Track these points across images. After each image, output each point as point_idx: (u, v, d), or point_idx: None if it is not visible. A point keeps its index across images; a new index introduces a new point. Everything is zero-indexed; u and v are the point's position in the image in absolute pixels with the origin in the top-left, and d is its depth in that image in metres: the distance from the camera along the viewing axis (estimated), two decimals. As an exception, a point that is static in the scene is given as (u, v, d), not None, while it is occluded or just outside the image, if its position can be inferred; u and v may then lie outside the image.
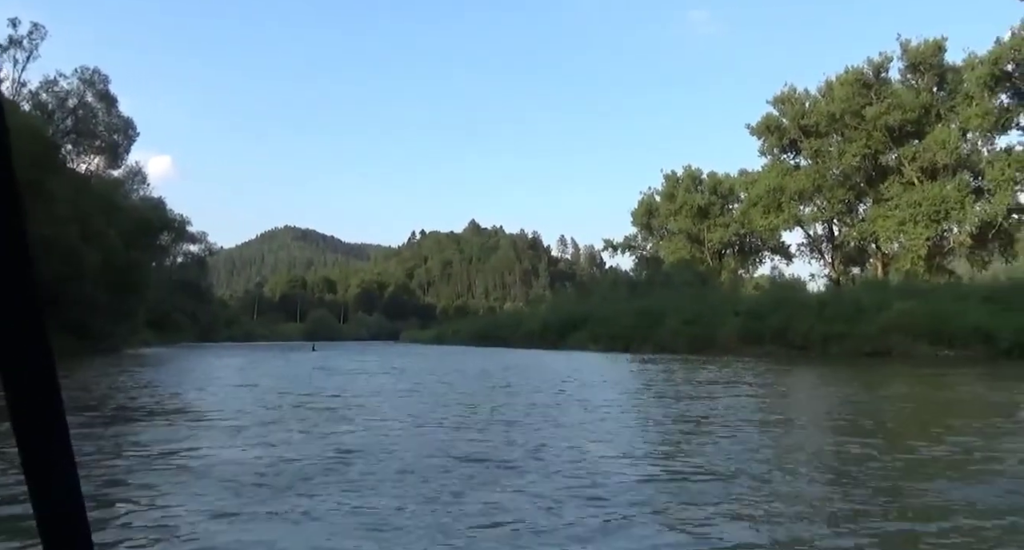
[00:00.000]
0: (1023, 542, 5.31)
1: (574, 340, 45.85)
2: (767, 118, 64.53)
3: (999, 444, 9.42)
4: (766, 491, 6.78)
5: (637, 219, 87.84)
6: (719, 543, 5.17)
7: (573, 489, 6.79)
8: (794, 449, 9.35)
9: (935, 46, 55.47)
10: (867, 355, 24.79)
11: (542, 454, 8.74)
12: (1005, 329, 22.85)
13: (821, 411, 14.48)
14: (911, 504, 6.30)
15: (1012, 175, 50.10)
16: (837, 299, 29.79)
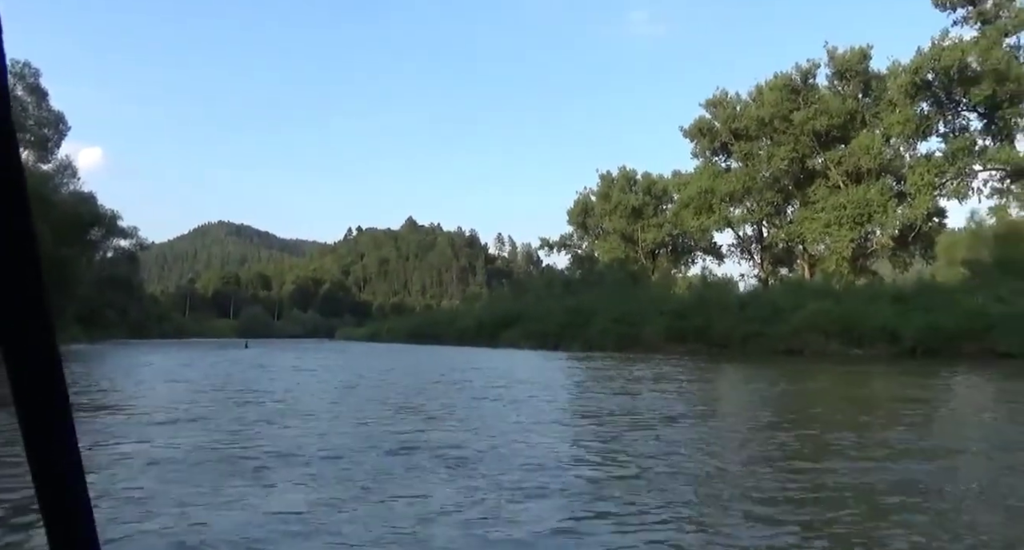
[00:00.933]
0: (912, 513, 5.91)
1: (507, 338, 46.32)
2: (700, 121, 65.77)
3: (896, 434, 10.10)
4: (696, 479, 7.27)
5: (573, 218, 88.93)
6: (655, 529, 5.58)
7: (508, 483, 7.09)
8: (718, 440, 9.90)
9: (860, 54, 57.18)
10: (782, 353, 25.81)
11: (468, 450, 9.05)
12: (909, 329, 24.02)
13: (743, 406, 15.18)
14: (828, 485, 6.86)
15: (931, 180, 51.98)
16: (756, 300, 30.83)
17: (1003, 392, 17.08)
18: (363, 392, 17.49)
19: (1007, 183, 51.54)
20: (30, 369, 0.67)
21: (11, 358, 0.67)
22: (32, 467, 0.69)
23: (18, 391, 0.67)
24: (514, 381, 20.51)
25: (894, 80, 52.37)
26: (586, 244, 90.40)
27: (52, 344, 0.68)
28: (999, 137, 51.66)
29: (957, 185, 52.90)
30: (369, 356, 39.73)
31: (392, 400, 15.40)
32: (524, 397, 15.58)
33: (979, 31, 51.06)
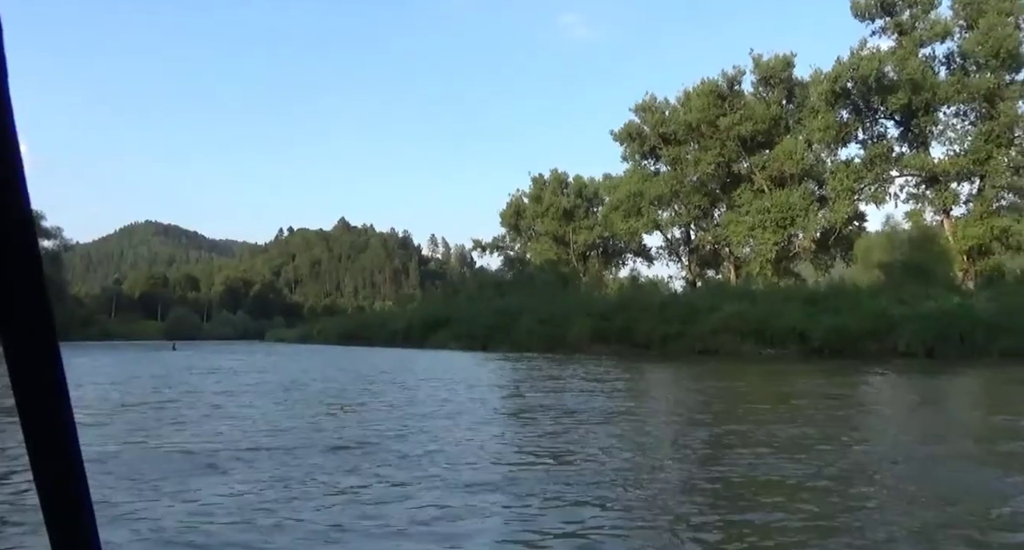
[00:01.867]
0: (815, 492, 6.46)
1: (437, 339, 46.50)
2: (629, 125, 66.68)
3: (801, 428, 10.63)
4: (623, 472, 7.62)
5: (505, 220, 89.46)
6: (583, 515, 5.92)
7: (438, 478, 7.37)
8: (639, 434, 10.33)
9: (784, 62, 58.68)
10: (699, 353, 26.60)
11: (399, 447, 9.32)
12: (817, 330, 24.99)
13: (662, 402, 15.75)
14: (744, 475, 7.28)
15: (850, 185, 53.58)
16: (675, 302, 31.63)
17: (903, 388, 17.92)
18: (294, 393, 17.54)
19: (922, 188, 53.36)
20: (31, 368, 0.67)
21: (12, 357, 0.66)
22: (33, 466, 0.69)
23: (19, 390, 0.67)
24: (440, 381, 20.76)
25: (815, 88, 53.89)
26: (519, 246, 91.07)
27: (53, 343, 0.68)
28: (915, 144, 53.47)
29: (875, 190, 54.61)
30: (298, 358, 39.57)
31: (324, 400, 15.53)
32: (451, 396, 15.85)
33: (896, 41, 52.83)
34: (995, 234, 49.58)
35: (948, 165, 51.13)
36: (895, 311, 24.98)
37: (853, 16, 53.78)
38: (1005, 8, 49.82)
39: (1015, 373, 19.83)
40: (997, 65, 49.79)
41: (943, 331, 23.10)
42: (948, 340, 22.87)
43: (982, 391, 17.95)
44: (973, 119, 52.20)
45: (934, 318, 23.68)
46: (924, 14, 52.59)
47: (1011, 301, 24.42)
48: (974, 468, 8.01)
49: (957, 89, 50.83)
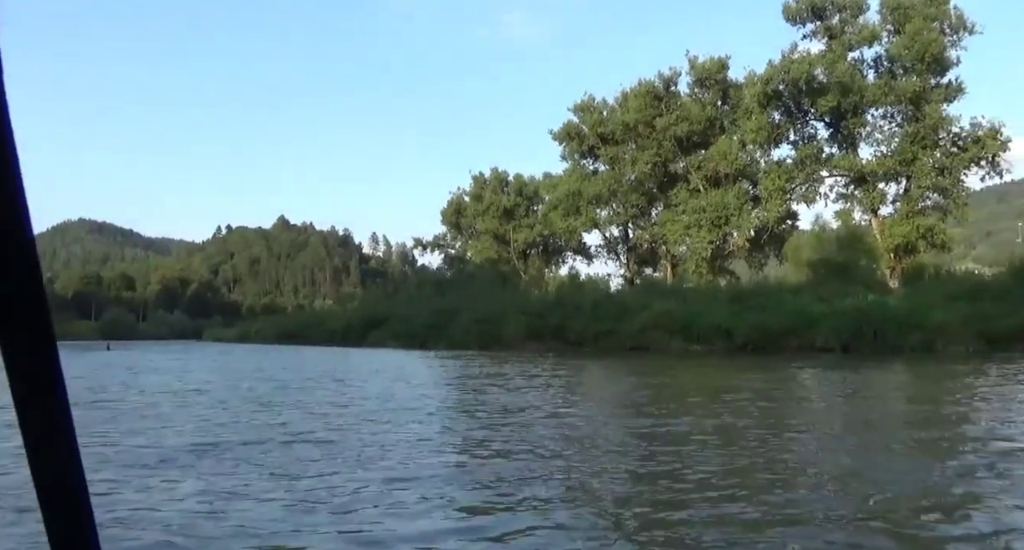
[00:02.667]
0: (753, 482, 6.85)
1: (375, 338, 46.51)
2: (568, 125, 67.31)
3: (731, 420, 11.08)
4: (557, 465, 7.92)
5: (446, 218, 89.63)
6: (522, 506, 6.16)
7: (379, 472, 7.55)
8: (575, 429, 10.66)
9: (719, 64, 59.76)
10: (630, 350, 27.18)
11: (337, 441, 9.48)
12: (741, 327, 25.73)
13: (596, 398, 16.20)
14: (677, 465, 7.61)
15: (782, 185, 54.76)
16: (608, 300, 32.16)
17: (821, 382, 18.58)
18: (228, 392, 17.49)
19: (851, 188, 54.77)
20: (29, 367, 0.68)
21: (10, 357, 0.67)
22: (31, 464, 0.70)
23: (17, 389, 0.67)
24: (377, 379, 20.92)
25: (749, 90, 54.96)
26: (459, 244, 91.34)
27: (51, 343, 0.68)
28: (844, 145, 54.85)
29: (806, 190, 55.97)
30: (234, 357, 39.25)
31: (259, 398, 15.57)
32: (387, 394, 16.01)
33: (826, 45, 54.14)
34: (920, 233, 51.13)
35: (876, 166, 52.59)
36: (814, 309, 25.82)
37: (785, 20, 55.02)
38: (930, 14, 51.38)
39: (924, 367, 20.65)
40: (923, 69, 51.36)
41: (858, 328, 23.98)
42: (863, 336, 23.75)
43: (895, 385, 18.69)
44: (900, 121, 53.75)
45: (850, 315, 24.55)
46: (853, 19, 54.02)
47: (923, 299, 25.39)
48: (899, 456, 8.55)
49: (884, 92, 52.32)
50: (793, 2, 54.28)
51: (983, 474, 7.24)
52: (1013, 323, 21.92)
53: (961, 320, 22.83)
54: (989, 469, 7.43)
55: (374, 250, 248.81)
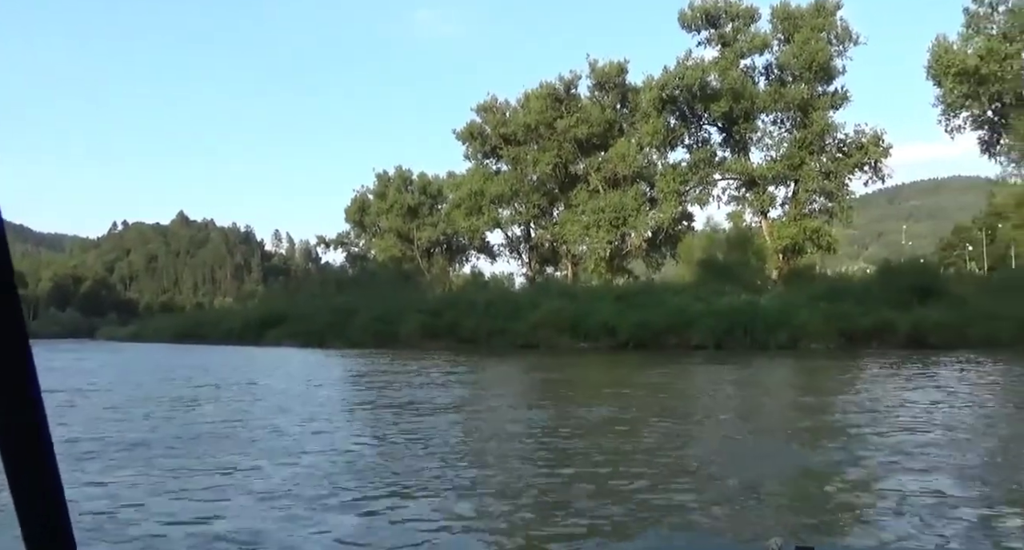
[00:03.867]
0: (645, 470, 7.43)
1: (273, 336, 46.14)
2: (471, 125, 67.82)
3: (619, 412, 11.72)
4: (461, 458, 8.38)
5: (350, 216, 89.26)
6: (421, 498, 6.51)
7: (278, 468, 7.81)
8: (471, 423, 11.23)
9: (618, 68, 61.15)
10: (521, 347, 27.95)
11: (236, 438, 9.68)
12: (625, 325, 26.77)
13: (490, 393, 16.79)
14: (569, 452, 8.10)
15: (676, 187, 56.32)
16: (502, 298, 32.89)
17: (697, 377, 19.52)
18: (114, 393, 17.35)
19: (742, 191, 56.65)
20: (2, 369, 0.67)
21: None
22: (6, 465, 0.70)
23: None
24: (272, 377, 21.02)
25: (645, 94, 56.30)
26: (363, 242, 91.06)
27: (24, 343, 0.68)
28: (736, 149, 56.68)
29: (699, 192, 57.70)
30: (126, 356, 38.52)
31: (152, 396, 15.54)
32: (282, 391, 16.19)
33: (719, 52, 55.88)
34: (807, 235, 53.31)
35: (765, 170, 54.55)
36: (692, 308, 27.01)
37: (681, 27, 56.51)
38: (818, 25, 53.52)
39: (788, 363, 21.90)
40: (810, 77, 53.50)
41: (731, 326, 25.22)
42: (735, 334, 24.99)
43: (764, 379, 19.77)
44: (789, 127, 55.77)
45: (724, 314, 25.81)
46: (745, 27, 55.82)
47: (790, 299, 26.84)
48: (773, 441, 9.53)
49: (774, 98, 54.31)
50: (688, 10, 55.79)
51: (841, 453, 8.25)
52: (870, 322, 23.47)
53: (823, 319, 24.31)
54: (845, 450, 8.45)
55: (277, 247, 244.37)
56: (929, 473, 7.08)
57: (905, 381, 16.84)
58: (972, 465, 7.55)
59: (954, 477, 6.97)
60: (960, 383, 16.13)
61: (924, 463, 7.56)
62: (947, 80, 42.52)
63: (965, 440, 9.03)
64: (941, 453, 8.11)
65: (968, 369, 18.40)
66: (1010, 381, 16.22)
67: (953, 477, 6.97)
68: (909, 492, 6.33)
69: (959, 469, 7.31)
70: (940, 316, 22.93)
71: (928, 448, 8.41)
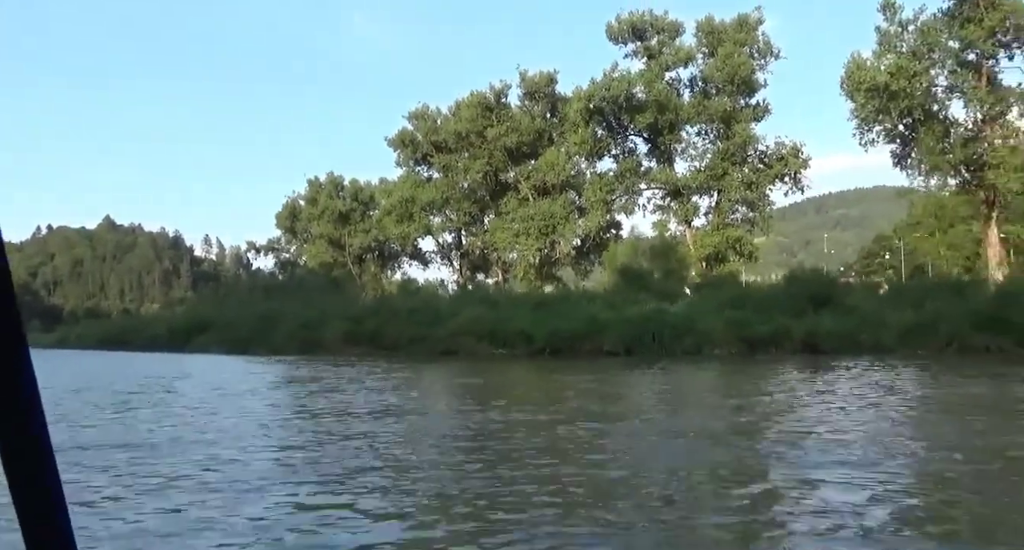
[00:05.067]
0: (569, 468, 8.00)
1: (198, 343, 45.84)
2: (403, 132, 68.20)
3: (538, 415, 12.35)
4: (378, 461, 8.84)
5: (281, 222, 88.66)
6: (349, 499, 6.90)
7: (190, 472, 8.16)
8: (394, 427, 11.67)
9: (548, 78, 62.07)
10: (441, 354, 28.60)
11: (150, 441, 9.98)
12: (541, 332, 27.61)
13: (413, 398, 17.32)
14: (485, 451, 8.58)
15: (603, 197, 57.40)
16: (424, 306, 33.35)
17: (605, 382, 20.26)
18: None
19: (667, 201, 57.90)
20: (1, 371, 0.68)
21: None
22: (5, 467, 0.70)
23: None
24: (193, 384, 21.19)
25: (573, 104, 57.30)
26: (294, 248, 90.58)
27: (22, 345, 0.70)
28: (661, 160, 57.96)
29: (625, 202, 58.89)
30: (45, 362, 38.00)
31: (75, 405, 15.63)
32: (206, 399, 16.43)
33: (645, 65, 57.16)
34: (729, 243, 54.82)
35: (689, 180, 55.93)
36: (605, 315, 27.93)
37: (608, 39, 57.65)
38: (741, 39, 55.13)
39: (689, 369, 22.89)
40: (733, 90, 55.05)
41: (640, 333, 26.22)
42: (643, 341, 25.98)
43: (671, 383, 20.64)
44: (712, 138, 57.22)
45: (634, 322, 26.80)
46: (671, 40, 57.20)
47: (698, 306, 27.94)
48: (687, 440, 10.29)
49: (698, 111, 55.74)
50: (616, 23, 56.96)
51: (728, 450, 9.08)
52: (768, 329, 24.70)
53: (726, 326, 25.44)
54: (736, 446, 9.28)
55: (207, 253, 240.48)
56: (807, 466, 7.90)
57: (795, 384, 18.01)
58: (849, 458, 8.42)
59: (829, 469, 7.79)
60: (843, 384, 17.34)
61: (813, 457, 8.53)
62: (859, 95, 44.17)
63: (853, 434, 10.13)
64: (823, 447, 9.08)
65: (855, 372, 19.50)
66: (891, 382, 17.31)
67: (828, 469, 7.79)
68: (801, 483, 7.17)
69: (839, 462, 8.16)
70: (832, 324, 24.25)
71: (813, 442, 9.51)
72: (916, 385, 16.63)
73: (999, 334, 21.78)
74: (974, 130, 45.36)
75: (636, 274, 36.41)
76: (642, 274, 35.90)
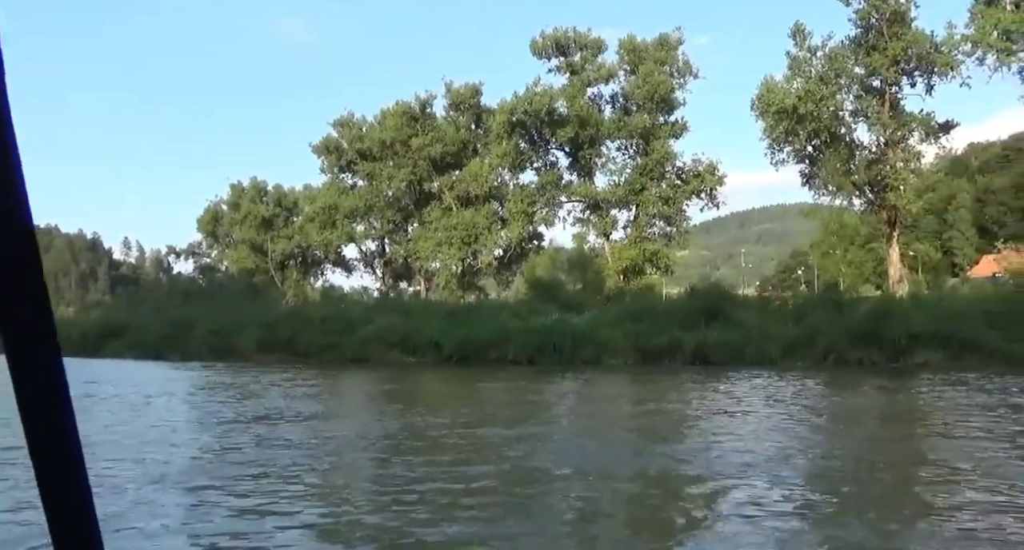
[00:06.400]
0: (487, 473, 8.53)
1: (111, 348, 45.22)
2: (328, 139, 68.21)
3: (453, 420, 12.91)
4: (293, 467, 9.27)
5: (203, 226, 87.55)
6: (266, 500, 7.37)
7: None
8: (300, 433, 12.13)
9: (473, 90, 62.81)
10: (352, 361, 29.11)
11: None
12: (450, 340, 28.34)
13: (325, 405, 17.76)
14: (420, 464, 9.09)
15: (524, 208, 58.37)
16: (338, 314, 33.69)
17: (509, 391, 21.02)
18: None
19: (587, 214, 59.12)
20: (32, 364, 0.68)
21: (16, 367, 0.68)
22: (33, 458, 0.71)
23: (20, 384, 0.69)
24: (96, 390, 21.23)
25: (496, 117, 58.22)
26: (216, 253, 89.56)
27: (55, 352, 0.70)
28: (582, 174, 59.18)
29: (546, 214, 59.94)
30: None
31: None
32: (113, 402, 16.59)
33: (568, 80, 58.39)
34: (646, 256, 56.24)
35: (609, 194, 57.21)
36: (511, 325, 28.77)
37: (532, 54, 58.73)
38: (661, 57, 56.67)
39: (585, 378, 23.89)
40: (652, 107, 56.54)
41: (543, 343, 27.12)
42: (545, 351, 26.91)
43: (573, 391, 21.54)
44: (631, 154, 58.61)
45: (538, 332, 27.71)
46: (593, 57, 58.57)
47: (599, 318, 28.98)
48: (596, 444, 11.13)
49: (619, 126, 57.12)
50: (540, 38, 58.07)
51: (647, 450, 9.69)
52: (663, 340, 25.85)
53: (624, 337, 26.51)
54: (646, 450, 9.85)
55: (126, 256, 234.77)
56: (692, 462, 8.69)
57: (674, 393, 19.20)
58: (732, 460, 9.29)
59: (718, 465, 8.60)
60: (725, 394, 18.48)
61: (703, 458, 9.41)
62: (768, 117, 45.92)
63: (733, 438, 11.23)
64: (700, 447, 9.98)
65: (738, 383, 20.63)
66: (771, 391, 18.44)
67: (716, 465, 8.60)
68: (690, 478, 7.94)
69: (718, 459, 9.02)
70: (719, 336, 25.47)
71: (694, 444, 10.52)
72: (790, 395, 17.67)
73: (871, 348, 23.30)
74: (877, 153, 47.46)
75: (546, 285, 37.37)
76: (552, 285, 36.86)
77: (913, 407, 15.93)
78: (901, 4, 45.01)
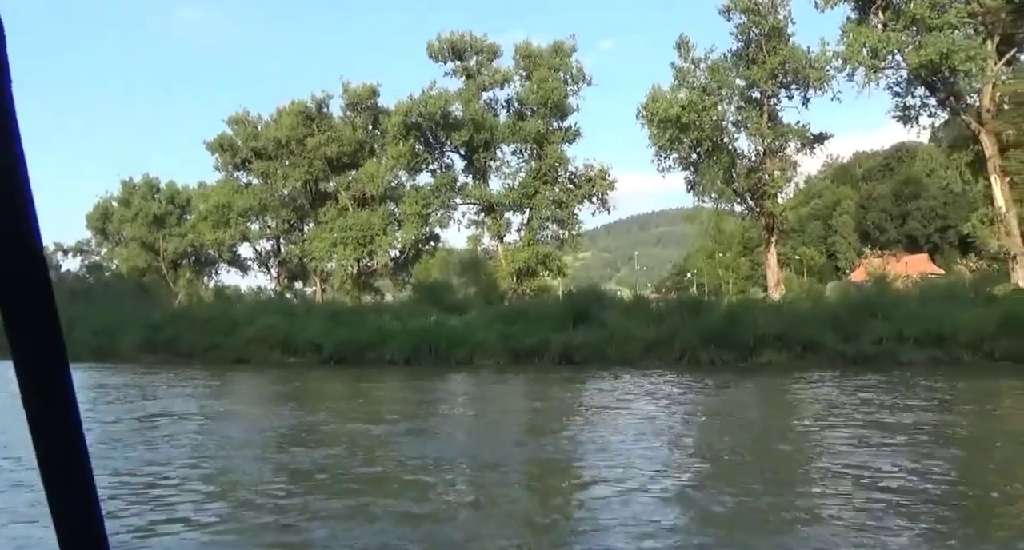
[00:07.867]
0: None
1: (-14, 350, 44.07)
2: (222, 137, 67.32)
3: (331, 417, 13.40)
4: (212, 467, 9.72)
5: (92, 223, 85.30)
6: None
7: None
8: (194, 434, 12.58)
9: (370, 90, 63.05)
10: (235, 362, 29.34)
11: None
12: (330, 341, 28.87)
13: (211, 405, 18.07)
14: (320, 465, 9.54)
15: (419, 210, 58.88)
16: (222, 314, 33.68)
17: (389, 390, 21.76)
18: None
19: (482, 216, 60.01)
20: (38, 369, 0.70)
21: (23, 372, 0.69)
22: (40, 462, 0.72)
23: (30, 404, 0.70)
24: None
25: (392, 118, 58.62)
26: (105, 251, 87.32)
27: (63, 358, 0.70)
28: (477, 176, 60.02)
29: (441, 216, 60.59)
30: None
31: None
32: None
33: (463, 84, 59.18)
34: (539, 259, 57.42)
35: (503, 197, 58.13)
36: (390, 327, 29.46)
37: (429, 57, 59.30)
38: (555, 64, 57.93)
39: (461, 377, 24.75)
40: (546, 113, 57.73)
41: (419, 344, 27.90)
42: (421, 351, 27.70)
43: (449, 389, 22.38)
44: (526, 158, 59.67)
45: (415, 334, 28.46)
46: (489, 62, 59.49)
47: (475, 319, 29.94)
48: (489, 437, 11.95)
49: (513, 131, 58.09)
50: (436, 41, 58.69)
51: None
52: (533, 341, 26.91)
53: (497, 338, 27.50)
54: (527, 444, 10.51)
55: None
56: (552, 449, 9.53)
57: (549, 391, 20.10)
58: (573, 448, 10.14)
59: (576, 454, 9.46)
60: (586, 392, 19.58)
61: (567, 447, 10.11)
62: (652, 126, 47.61)
63: (596, 431, 12.03)
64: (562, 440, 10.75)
65: (599, 381, 21.73)
66: (628, 389, 19.64)
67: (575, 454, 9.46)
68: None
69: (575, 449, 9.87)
70: (585, 337, 26.68)
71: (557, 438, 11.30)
72: (644, 392, 18.84)
73: (722, 349, 24.84)
74: (756, 162, 49.70)
75: (429, 288, 38.11)
76: (436, 288, 37.62)
77: (747, 401, 17.53)
78: (779, 21, 47.31)
